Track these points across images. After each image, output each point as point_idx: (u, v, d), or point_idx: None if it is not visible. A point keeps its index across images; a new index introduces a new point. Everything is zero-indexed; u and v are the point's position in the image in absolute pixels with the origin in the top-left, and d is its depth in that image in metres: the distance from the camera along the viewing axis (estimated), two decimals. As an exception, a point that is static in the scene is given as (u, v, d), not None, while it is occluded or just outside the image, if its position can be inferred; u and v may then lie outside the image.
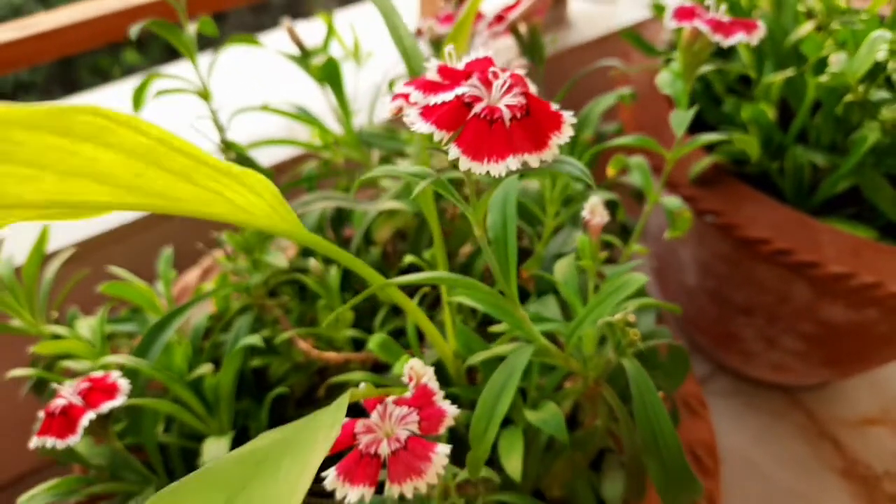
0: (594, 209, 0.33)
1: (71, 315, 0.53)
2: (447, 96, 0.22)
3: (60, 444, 0.35)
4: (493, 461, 0.34)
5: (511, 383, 0.29)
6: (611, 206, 0.50)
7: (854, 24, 0.47)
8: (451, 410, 0.28)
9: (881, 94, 0.46)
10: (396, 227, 0.50)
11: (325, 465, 0.23)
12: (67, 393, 0.37)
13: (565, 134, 0.23)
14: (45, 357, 0.51)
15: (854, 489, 0.73)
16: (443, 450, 0.26)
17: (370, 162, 0.56)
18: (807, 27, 0.55)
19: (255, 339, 0.40)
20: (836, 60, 0.46)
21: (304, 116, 0.54)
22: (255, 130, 0.70)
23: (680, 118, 0.34)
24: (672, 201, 0.38)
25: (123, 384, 0.37)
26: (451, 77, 0.24)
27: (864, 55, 0.44)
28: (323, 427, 0.21)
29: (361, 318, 0.48)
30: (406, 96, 0.23)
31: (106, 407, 0.36)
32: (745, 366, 0.76)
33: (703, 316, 0.70)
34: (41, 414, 0.38)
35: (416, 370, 0.29)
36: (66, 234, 0.64)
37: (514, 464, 0.32)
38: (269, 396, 0.43)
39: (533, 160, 0.22)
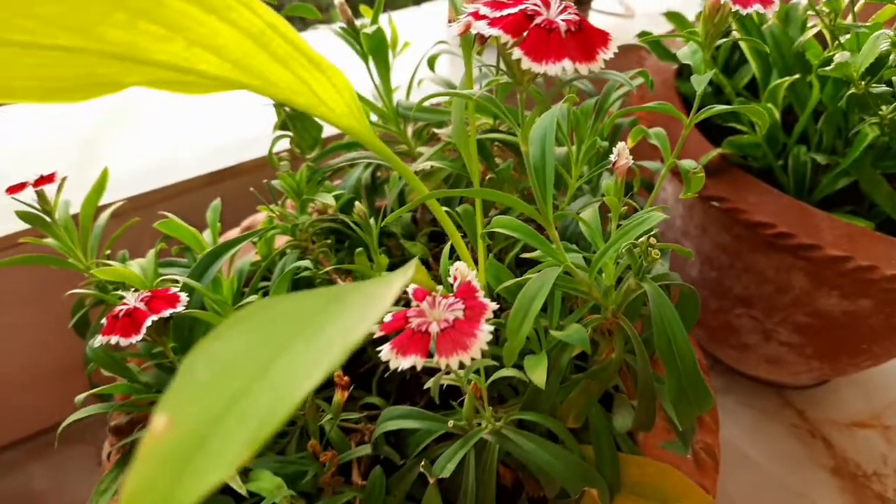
0: (622, 152, 0.37)
1: (121, 256, 0.56)
2: (512, 10, 0.26)
3: (124, 341, 0.39)
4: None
5: (543, 290, 0.33)
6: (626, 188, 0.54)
7: (859, 29, 0.52)
8: (491, 305, 0.31)
9: (882, 87, 0.50)
10: (431, 188, 0.54)
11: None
12: (132, 299, 0.40)
13: (611, 50, 0.27)
14: (94, 294, 0.55)
15: (844, 486, 0.76)
16: (487, 328, 0.29)
17: (406, 136, 0.60)
18: (809, 34, 0.60)
19: (305, 263, 0.44)
20: (841, 57, 0.50)
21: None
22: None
23: (700, 79, 0.38)
24: (688, 163, 0.42)
25: (183, 296, 0.41)
26: None
27: (868, 50, 0.49)
28: (396, 276, 0.25)
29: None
30: (475, 13, 0.28)
31: (167, 312, 0.40)
32: (739, 362, 0.80)
33: (702, 309, 0.74)
34: (104, 321, 0.41)
35: (460, 270, 0.32)
36: (120, 190, 0.67)
37: (539, 375, 0.36)
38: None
39: (583, 68, 0.26)
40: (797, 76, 0.63)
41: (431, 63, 0.58)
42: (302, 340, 0.18)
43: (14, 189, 0.53)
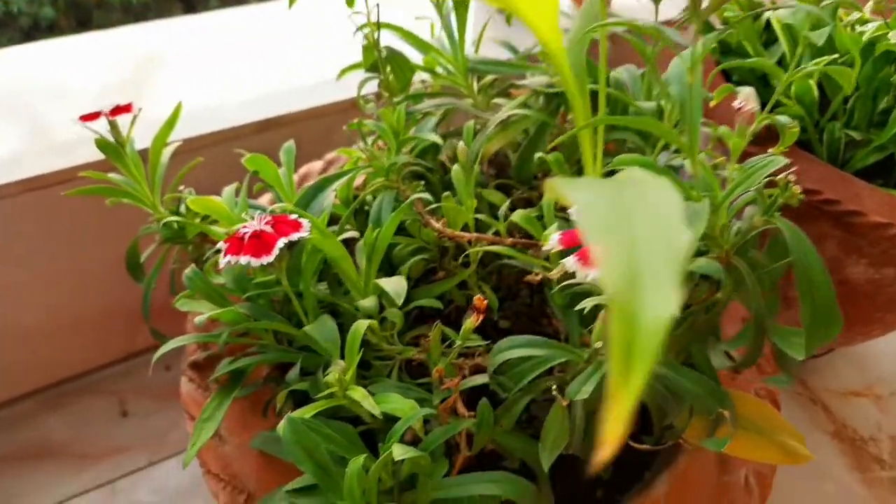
0: (749, 96, 0.39)
1: (187, 191, 0.55)
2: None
3: (255, 261, 0.38)
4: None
5: (697, 223, 0.35)
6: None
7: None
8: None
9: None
10: (507, 141, 0.55)
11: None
12: (256, 222, 0.40)
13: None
14: (163, 230, 0.54)
15: (843, 448, 0.81)
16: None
17: (472, 90, 0.61)
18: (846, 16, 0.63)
19: (426, 196, 0.44)
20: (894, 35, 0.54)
21: (417, 39, 0.59)
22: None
23: (821, 33, 0.40)
24: (784, 118, 0.45)
25: (305, 222, 0.41)
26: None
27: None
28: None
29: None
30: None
31: (296, 236, 0.39)
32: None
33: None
34: (223, 245, 0.41)
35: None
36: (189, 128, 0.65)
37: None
38: (402, 271, 0.47)
39: None
40: (835, 56, 0.67)
41: (509, 18, 0.59)
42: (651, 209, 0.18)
43: (88, 117, 0.51)
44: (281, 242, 0.39)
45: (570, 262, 0.31)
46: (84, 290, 0.72)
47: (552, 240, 0.33)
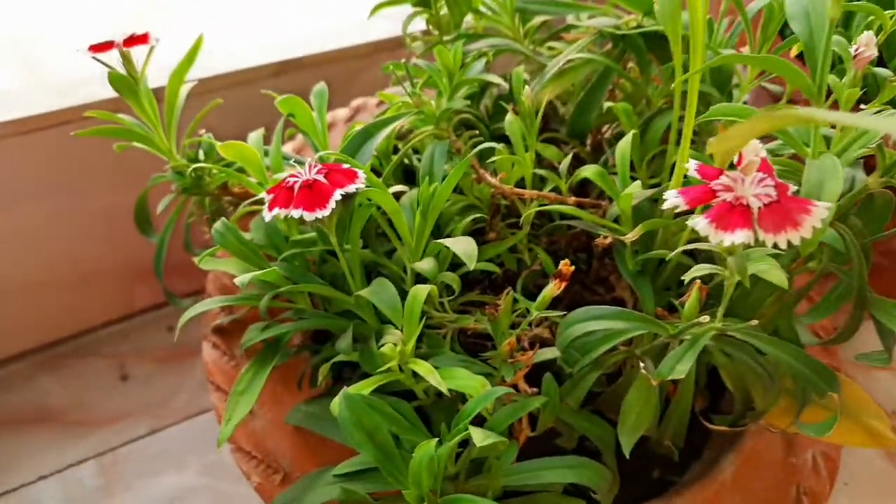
0: (868, 42, 0.35)
1: (207, 136, 0.49)
2: None
3: (308, 215, 0.33)
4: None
5: (832, 179, 0.30)
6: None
7: None
8: (791, 187, 0.28)
9: None
10: (563, 89, 0.50)
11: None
12: (307, 171, 0.35)
13: None
14: (179, 179, 0.48)
15: (869, 422, 0.79)
16: (823, 205, 0.26)
17: (518, 32, 0.55)
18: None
19: (493, 145, 0.39)
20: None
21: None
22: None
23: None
24: (883, 70, 0.40)
25: (360, 172, 0.36)
26: None
27: None
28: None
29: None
30: None
31: (352, 187, 0.34)
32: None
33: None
34: (266, 195, 0.36)
35: (753, 148, 0.29)
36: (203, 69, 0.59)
37: (778, 276, 0.33)
38: (455, 230, 0.42)
39: None
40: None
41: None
42: None
43: (99, 47, 0.45)
44: (337, 194, 0.34)
45: (701, 224, 0.27)
46: (80, 243, 0.66)
47: (671, 197, 0.28)
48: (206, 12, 0.71)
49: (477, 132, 0.46)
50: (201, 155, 0.50)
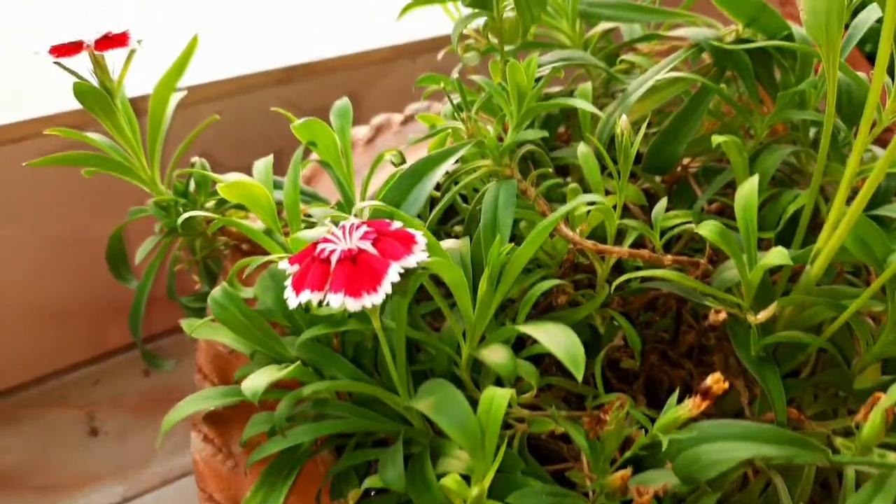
0: None
1: (200, 164, 0.39)
2: None
3: (353, 303, 0.23)
4: None
5: None
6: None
7: None
8: None
9: None
10: (644, 112, 0.40)
11: None
12: (346, 237, 0.25)
13: None
14: (164, 217, 0.38)
15: None
16: None
17: (579, 40, 0.46)
18: None
19: (576, 187, 0.29)
20: None
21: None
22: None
23: None
24: None
25: (419, 235, 0.26)
26: None
27: None
28: None
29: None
30: None
31: (412, 260, 0.24)
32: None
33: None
34: (287, 266, 0.26)
35: None
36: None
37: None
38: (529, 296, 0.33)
39: None
40: None
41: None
42: None
43: (64, 50, 0.34)
44: (394, 272, 0.24)
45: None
46: (43, 276, 0.56)
47: None
48: (198, 7, 0.60)
49: (546, 169, 0.36)
50: (192, 185, 0.40)
